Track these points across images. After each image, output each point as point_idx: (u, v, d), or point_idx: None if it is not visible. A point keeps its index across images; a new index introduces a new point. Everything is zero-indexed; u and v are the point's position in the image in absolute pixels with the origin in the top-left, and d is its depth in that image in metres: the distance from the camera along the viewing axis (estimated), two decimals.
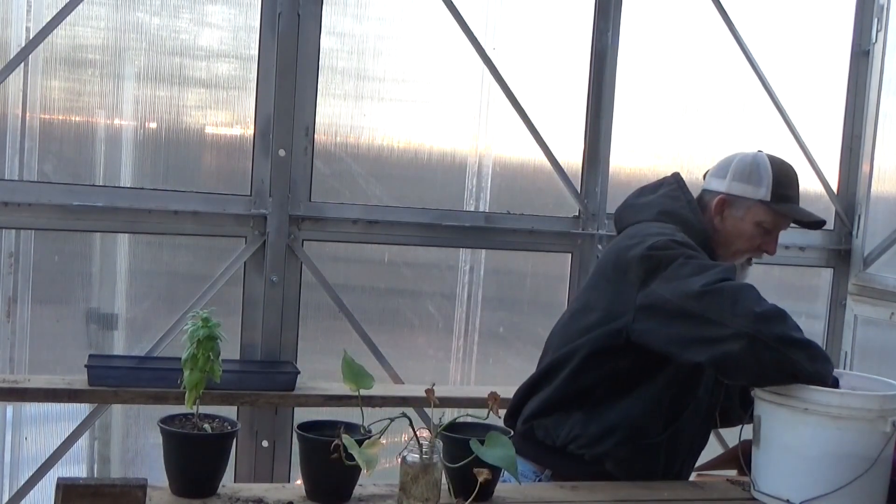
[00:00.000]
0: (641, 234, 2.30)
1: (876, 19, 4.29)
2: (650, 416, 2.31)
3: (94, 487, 1.83)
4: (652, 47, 4.04)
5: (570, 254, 3.94)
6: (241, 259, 3.51)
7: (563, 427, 2.33)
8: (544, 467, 2.36)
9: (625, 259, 2.27)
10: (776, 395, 2.18)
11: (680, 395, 2.33)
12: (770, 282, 4.38)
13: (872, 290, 4.22)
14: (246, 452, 3.54)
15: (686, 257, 2.20)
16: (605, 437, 2.29)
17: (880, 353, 4.22)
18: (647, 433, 2.31)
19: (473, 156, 3.89)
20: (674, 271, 2.17)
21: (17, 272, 3.39)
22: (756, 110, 4.19)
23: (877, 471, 2.12)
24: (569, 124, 3.93)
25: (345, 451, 1.81)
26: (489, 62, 3.76)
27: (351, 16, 3.66)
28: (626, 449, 2.30)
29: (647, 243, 2.24)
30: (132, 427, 3.61)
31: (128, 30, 3.40)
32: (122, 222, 3.39)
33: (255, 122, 3.51)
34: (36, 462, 3.41)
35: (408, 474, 1.88)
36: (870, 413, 2.10)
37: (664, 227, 2.33)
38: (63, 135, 3.40)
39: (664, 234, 2.29)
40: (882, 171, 4.29)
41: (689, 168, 4.18)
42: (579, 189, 3.93)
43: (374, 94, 3.72)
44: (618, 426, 2.29)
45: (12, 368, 3.40)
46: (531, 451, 2.35)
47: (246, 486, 2.09)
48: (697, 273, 2.15)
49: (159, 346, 3.46)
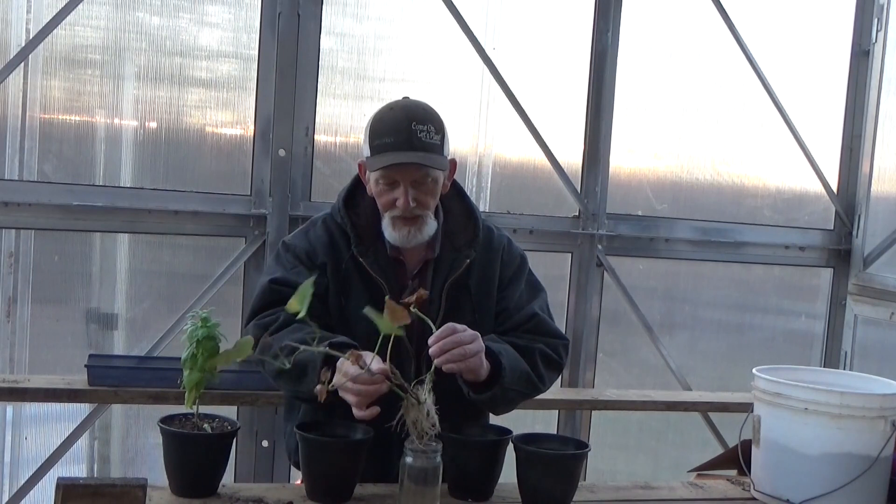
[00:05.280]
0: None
1: (876, 19, 4.29)
2: None
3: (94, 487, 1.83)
4: (652, 47, 4.04)
5: (570, 254, 3.94)
6: (241, 259, 3.51)
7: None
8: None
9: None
10: (776, 395, 2.18)
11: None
12: (770, 282, 4.39)
13: (872, 290, 4.22)
14: (246, 452, 3.54)
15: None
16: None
17: (880, 353, 4.22)
18: None
19: (473, 155, 3.89)
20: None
21: (17, 272, 3.39)
22: (756, 110, 4.19)
23: (877, 471, 2.12)
24: (569, 124, 3.93)
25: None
26: (489, 62, 3.77)
27: (351, 16, 3.66)
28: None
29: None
30: (132, 427, 3.61)
31: (128, 30, 3.40)
32: (122, 222, 3.39)
33: (255, 122, 3.51)
34: (36, 462, 3.41)
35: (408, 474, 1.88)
36: (870, 413, 2.10)
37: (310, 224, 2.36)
38: (63, 135, 3.41)
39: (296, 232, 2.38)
40: (882, 171, 4.29)
41: (689, 168, 4.19)
42: (579, 189, 3.93)
43: (374, 94, 3.72)
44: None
45: (12, 368, 3.40)
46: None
47: (246, 486, 2.09)
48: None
49: (159, 346, 3.46)
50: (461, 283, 2.27)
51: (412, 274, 2.29)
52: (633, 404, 3.69)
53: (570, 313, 3.96)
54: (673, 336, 4.20)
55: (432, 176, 2.20)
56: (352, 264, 2.24)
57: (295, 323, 2.11)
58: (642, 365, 4.18)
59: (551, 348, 2.29)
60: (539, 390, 2.28)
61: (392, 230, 2.22)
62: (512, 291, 2.33)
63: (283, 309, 2.15)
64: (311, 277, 1.86)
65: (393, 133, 2.17)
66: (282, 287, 2.19)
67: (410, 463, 1.86)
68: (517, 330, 2.29)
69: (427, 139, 2.17)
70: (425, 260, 2.28)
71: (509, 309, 2.30)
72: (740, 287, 4.37)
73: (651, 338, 4.10)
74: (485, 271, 2.31)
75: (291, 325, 2.12)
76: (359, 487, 2.04)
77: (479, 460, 2.08)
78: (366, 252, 2.24)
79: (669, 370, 4.11)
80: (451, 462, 1.98)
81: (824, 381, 2.30)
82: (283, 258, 2.29)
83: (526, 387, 2.22)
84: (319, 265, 2.25)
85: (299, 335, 2.05)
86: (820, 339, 4.42)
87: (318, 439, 2.00)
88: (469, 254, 2.28)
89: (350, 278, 2.24)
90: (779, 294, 4.45)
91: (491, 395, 2.13)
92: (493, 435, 2.15)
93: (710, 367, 4.31)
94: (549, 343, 2.30)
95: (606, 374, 4.09)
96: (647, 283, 4.17)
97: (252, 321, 2.22)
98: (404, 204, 2.17)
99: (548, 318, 2.36)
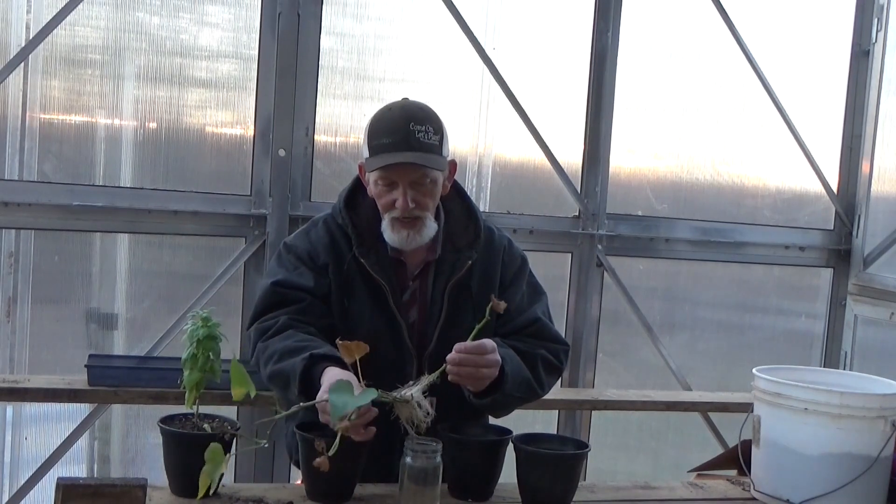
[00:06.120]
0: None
1: (876, 19, 4.29)
2: None
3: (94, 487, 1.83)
4: (652, 47, 4.04)
5: (570, 254, 3.94)
6: (241, 259, 3.51)
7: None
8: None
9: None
10: (776, 395, 2.18)
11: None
12: (770, 282, 4.39)
13: (872, 290, 4.22)
14: (246, 452, 3.53)
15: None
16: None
17: (880, 353, 4.22)
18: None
19: (473, 155, 3.89)
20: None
21: (17, 272, 3.39)
22: (756, 110, 4.19)
23: (877, 471, 2.12)
24: (569, 124, 3.93)
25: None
26: (489, 62, 3.77)
27: (351, 16, 3.66)
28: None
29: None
30: (132, 427, 3.61)
31: (128, 30, 3.40)
32: (122, 222, 3.39)
33: (255, 122, 3.51)
34: (36, 462, 3.41)
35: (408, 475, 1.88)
36: (870, 413, 2.10)
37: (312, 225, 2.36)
38: (63, 135, 3.41)
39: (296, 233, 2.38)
40: (882, 171, 4.29)
41: (689, 168, 4.19)
42: (579, 189, 3.93)
43: (374, 94, 3.72)
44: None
45: (12, 368, 3.40)
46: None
47: (246, 486, 2.09)
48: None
49: (159, 346, 3.46)
50: (462, 284, 2.27)
51: (413, 275, 2.29)
52: (633, 404, 3.69)
53: (570, 313, 3.96)
54: (673, 336, 4.20)
55: (431, 177, 2.20)
56: (353, 265, 2.24)
57: (290, 328, 2.14)
58: (642, 365, 4.18)
59: (552, 354, 2.30)
60: (539, 395, 2.29)
61: (391, 232, 2.21)
62: (513, 293, 2.33)
63: (283, 312, 2.17)
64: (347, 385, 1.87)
65: (391, 133, 2.16)
66: (284, 289, 2.19)
67: (410, 463, 1.87)
68: (519, 334, 2.29)
69: (425, 139, 2.17)
70: (427, 261, 2.28)
71: (510, 311, 2.30)
72: (740, 287, 4.37)
73: (651, 338, 4.10)
74: (486, 272, 2.31)
75: (285, 332, 2.13)
76: (359, 487, 2.04)
77: (479, 460, 2.08)
78: (367, 253, 2.24)
79: (669, 370, 4.11)
80: (451, 462, 1.99)
81: (824, 381, 2.30)
82: (285, 259, 2.29)
83: (526, 392, 2.23)
84: (321, 265, 2.25)
85: (289, 343, 2.08)
86: (820, 339, 4.42)
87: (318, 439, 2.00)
88: (470, 255, 2.28)
89: (352, 279, 2.24)
90: (779, 294, 4.45)
91: (491, 401, 2.13)
92: (493, 435, 2.16)
93: (710, 367, 4.31)
94: (550, 348, 2.30)
95: (606, 374, 4.09)
96: (647, 283, 4.17)
97: (254, 325, 2.22)
98: (403, 205, 2.17)
99: (549, 323, 2.36)
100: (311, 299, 2.20)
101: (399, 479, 1.89)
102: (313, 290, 2.21)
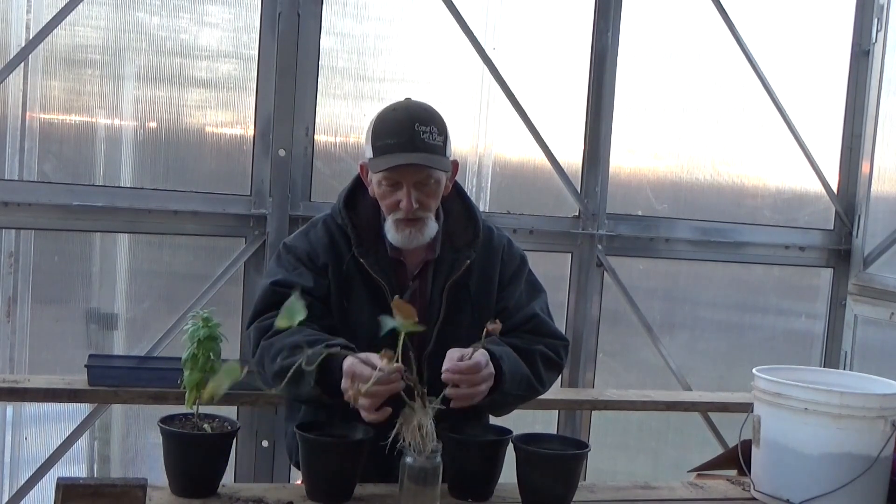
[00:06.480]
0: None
1: (876, 19, 4.28)
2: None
3: (94, 487, 1.83)
4: (652, 47, 4.04)
5: (570, 254, 3.94)
6: (241, 259, 3.51)
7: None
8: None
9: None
10: (776, 395, 2.18)
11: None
12: (770, 282, 4.39)
13: (872, 290, 4.22)
14: (246, 452, 3.54)
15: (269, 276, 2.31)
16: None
17: (880, 353, 4.22)
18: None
19: (473, 155, 3.89)
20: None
21: (17, 272, 3.39)
22: (756, 110, 4.19)
23: (877, 471, 2.12)
24: (569, 124, 3.93)
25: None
26: (489, 62, 3.76)
27: (351, 16, 3.66)
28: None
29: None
30: (132, 427, 3.61)
31: (128, 30, 3.40)
32: (122, 222, 3.39)
33: (255, 122, 3.51)
34: (36, 462, 3.40)
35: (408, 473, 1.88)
36: (870, 413, 2.10)
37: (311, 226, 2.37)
38: (63, 135, 3.40)
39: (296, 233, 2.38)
40: (882, 171, 4.29)
41: (689, 168, 4.19)
42: (579, 189, 3.93)
43: (374, 94, 3.72)
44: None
45: (12, 368, 3.40)
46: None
47: (246, 486, 2.09)
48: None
49: (159, 346, 3.46)
50: (461, 283, 2.27)
51: (413, 274, 2.29)
52: (633, 404, 3.69)
53: (570, 313, 3.96)
54: (673, 336, 4.20)
55: (435, 177, 2.20)
56: (353, 265, 2.24)
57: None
58: (642, 365, 4.18)
59: (551, 349, 2.30)
60: (539, 392, 2.29)
61: (395, 232, 2.22)
62: (512, 291, 2.33)
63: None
64: (295, 294, 1.82)
65: (396, 134, 2.17)
66: (283, 289, 2.19)
67: (410, 463, 1.87)
68: (517, 330, 2.29)
69: (430, 140, 2.17)
70: (426, 260, 2.29)
71: (509, 308, 2.30)
72: (740, 287, 4.37)
73: (651, 338, 4.10)
74: (485, 271, 2.31)
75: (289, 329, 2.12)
76: (359, 487, 2.04)
77: (479, 460, 2.08)
78: (366, 253, 2.24)
79: (669, 370, 4.11)
80: (451, 462, 1.99)
81: (824, 381, 2.31)
82: (285, 260, 2.29)
83: (526, 390, 2.23)
84: (321, 266, 2.25)
85: (297, 338, 2.06)
86: (820, 339, 4.42)
87: (318, 439, 2.00)
88: (469, 254, 2.28)
89: (351, 279, 2.25)
90: (779, 294, 4.45)
91: (491, 400, 2.13)
92: (493, 435, 2.16)
93: (710, 367, 4.31)
94: (549, 344, 2.30)
95: (606, 374, 4.09)
96: (647, 283, 4.17)
97: (253, 324, 2.22)
98: (407, 205, 2.18)
99: (548, 319, 2.36)
100: (311, 300, 2.20)
101: (399, 479, 1.89)
102: (312, 290, 2.21)
